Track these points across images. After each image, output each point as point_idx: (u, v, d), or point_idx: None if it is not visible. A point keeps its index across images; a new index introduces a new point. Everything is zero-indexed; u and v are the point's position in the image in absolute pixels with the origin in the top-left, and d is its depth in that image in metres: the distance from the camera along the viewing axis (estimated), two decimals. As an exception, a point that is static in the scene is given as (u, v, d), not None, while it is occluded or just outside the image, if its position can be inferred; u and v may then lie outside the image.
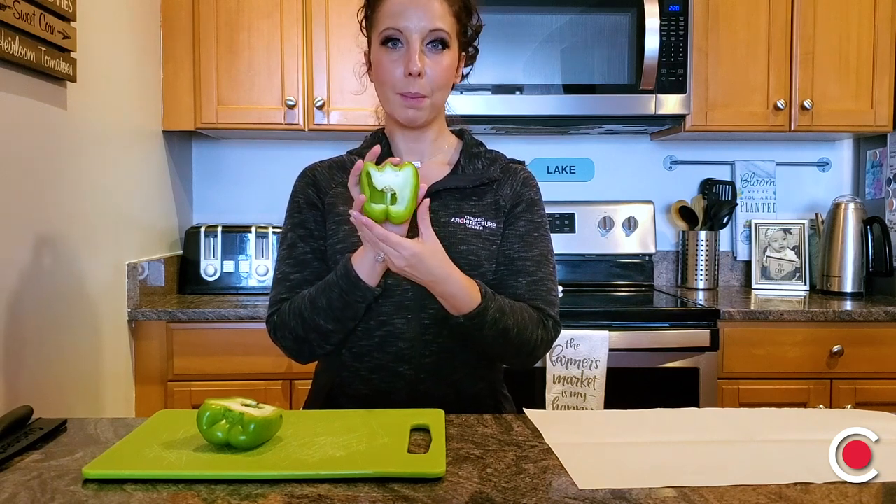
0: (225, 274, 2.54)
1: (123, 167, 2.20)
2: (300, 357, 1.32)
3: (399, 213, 1.11)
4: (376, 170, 1.12)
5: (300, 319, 1.25)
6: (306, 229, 1.32)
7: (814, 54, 2.52)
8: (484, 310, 1.18)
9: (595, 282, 2.79)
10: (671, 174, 2.92)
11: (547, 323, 1.28)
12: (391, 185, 1.11)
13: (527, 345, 1.25)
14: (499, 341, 1.22)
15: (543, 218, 1.35)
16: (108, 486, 0.88)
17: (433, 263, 1.14)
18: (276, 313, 1.30)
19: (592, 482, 0.89)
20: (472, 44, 1.36)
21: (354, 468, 0.91)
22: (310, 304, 1.24)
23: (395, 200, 1.11)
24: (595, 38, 2.42)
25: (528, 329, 1.24)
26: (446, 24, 1.26)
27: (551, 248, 1.34)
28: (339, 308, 1.22)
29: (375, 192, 1.11)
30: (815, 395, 2.26)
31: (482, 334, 1.21)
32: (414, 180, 1.11)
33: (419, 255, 1.12)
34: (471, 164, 1.34)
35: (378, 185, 1.11)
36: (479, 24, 1.35)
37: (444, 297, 1.18)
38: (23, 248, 1.64)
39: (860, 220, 2.62)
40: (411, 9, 1.24)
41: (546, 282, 1.30)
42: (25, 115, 1.65)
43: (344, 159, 1.39)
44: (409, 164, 1.12)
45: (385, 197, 1.11)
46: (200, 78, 2.45)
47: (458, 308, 1.19)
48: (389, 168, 1.12)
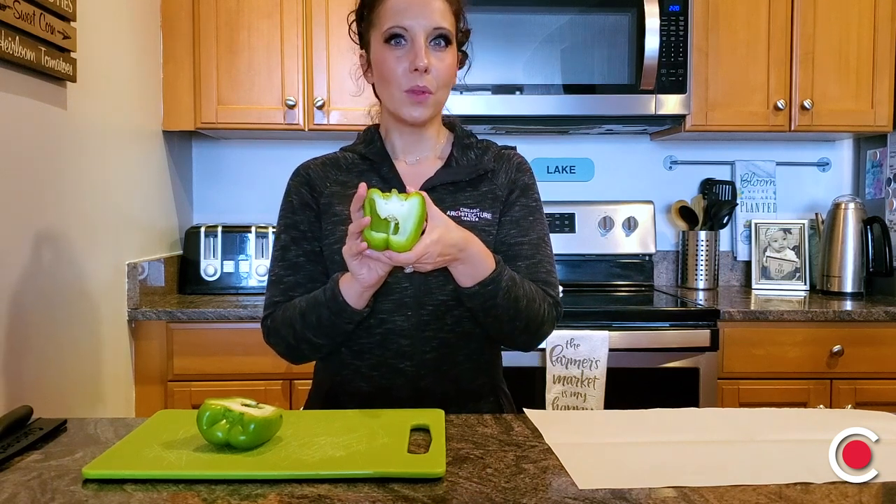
0: (225, 274, 2.54)
1: (123, 167, 2.20)
2: (293, 361, 1.34)
3: (400, 244, 1.08)
4: (381, 197, 1.09)
5: (292, 330, 1.26)
6: (299, 231, 1.33)
7: (814, 54, 2.52)
8: (499, 274, 1.19)
9: (595, 282, 2.79)
10: (671, 174, 2.92)
11: (549, 301, 1.29)
12: (395, 214, 1.08)
13: (535, 318, 1.25)
14: (510, 313, 1.22)
15: (538, 202, 1.36)
16: (108, 486, 0.88)
17: (455, 235, 1.13)
18: (270, 317, 1.31)
19: (592, 482, 0.89)
20: (463, 45, 1.36)
21: (354, 468, 0.91)
22: (300, 317, 1.25)
23: (398, 230, 1.08)
24: (595, 38, 2.42)
25: (537, 301, 1.25)
26: (448, 21, 1.27)
27: (547, 231, 1.35)
28: (328, 326, 1.22)
29: (378, 219, 1.08)
30: (815, 395, 2.26)
31: (495, 303, 1.20)
32: (419, 211, 1.08)
33: (441, 238, 1.11)
34: (463, 155, 1.35)
35: (382, 213, 1.08)
36: (468, 28, 1.36)
37: (469, 262, 1.17)
38: (23, 247, 1.64)
39: (860, 220, 2.62)
40: (415, 7, 1.24)
41: (545, 264, 1.31)
42: (25, 115, 1.65)
43: (337, 156, 1.39)
44: (417, 193, 1.09)
45: (388, 226, 1.08)
46: (200, 78, 2.45)
47: (477, 273, 1.18)
48: (395, 197, 1.09)
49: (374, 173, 1.34)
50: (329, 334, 1.24)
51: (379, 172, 1.33)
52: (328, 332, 1.23)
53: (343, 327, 1.22)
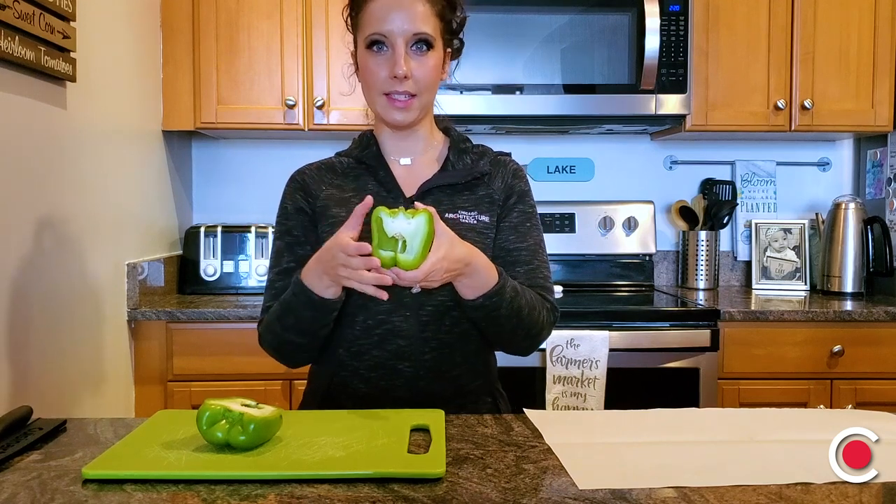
0: (225, 274, 2.54)
1: (123, 167, 2.20)
2: (288, 364, 1.35)
3: (408, 263, 1.07)
4: (388, 215, 1.08)
5: (274, 334, 1.28)
6: (293, 236, 1.34)
7: (814, 54, 2.52)
8: (503, 286, 1.20)
9: (595, 282, 2.79)
10: (671, 174, 2.92)
11: (548, 306, 1.31)
12: (402, 232, 1.07)
13: (535, 325, 1.27)
14: (512, 321, 1.23)
15: (534, 207, 1.38)
16: (107, 487, 0.88)
17: (460, 250, 1.13)
18: (261, 322, 1.33)
19: (592, 482, 0.89)
20: (457, 36, 1.36)
21: (354, 468, 0.91)
22: (277, 321, 1.26)
23: (405, 248, 1.07)
24: (595, 38, 2.42)
25: (537, 309, 1.27)
26: (430, 26, 1.26)
27: (543, 237, 1.37)
28: (308, 324, 1.23)
29: (385, 237, 1.08)
30: (815, 395, 2.26)
31: (498, 314, 1.21)
32: (427, 228, 1.07)
33: (447, 254, 1.10)
34: (459, 159, 1.36)
35: (389, 231, 1.07)
36: (464, 15, 1.35)
37: (474, 275, 1.17)
38: (22, 247, 1.64)
39: (860, 220, 2.62)
40: (394, 12, 1.24)
41: (542, 269, 1.33)
42: (25, 115, 1.65)
43: (333, 161, 1.39)
44: (424, 210, 1.09)
45: (395, 244, 1.07)
46: (200, 78, 2.45)
47: (480, 286, 1.18)
48: (402, 214, 1.08)
49: (370, 177, 1.34)
50: (309, 331, 1.24)
51: (375, 176, 1.34)
52: (307, 328, 1.24)
53: (326, 320, 1.23)
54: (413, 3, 1.25)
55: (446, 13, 1.30)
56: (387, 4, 1.25)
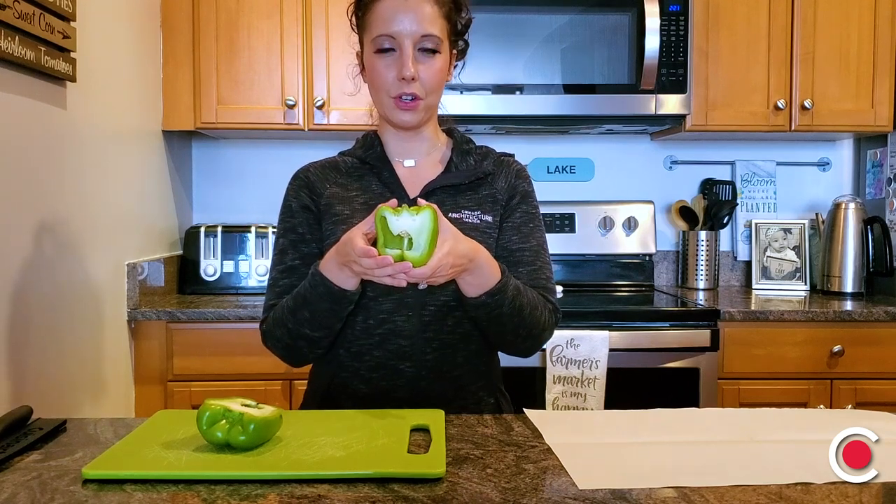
0: (225, 274, 2.54)
1: (123, 167, 2.20)
2: (293, 362, 1.34)
3: (416, 259, 1.07)
4: (392, 213, 1.09)
5: (286, 330, 1.26)
6: (297, 234, 1.33)
7: (814, 54, 2.52)
8: (505, 284, 1.19)
9: (595, 282, 2.79)
10: (671, 174, 2.92)
11: (550, 307, 1.30)
12: (407, 229, 1.08)
13: (537, 326, 1.27)
14: (513, 320, 1.23)
15: (537, 208, 1.38)
16: (107, 487, 0.88)
17: (464, 245, 1.13)
18: (266, 321, 1.32)
19: (592, 482, 0.89)
20: (462, 37, 1.36)
21: (354, 468, 0.90)
22: (291, 315, 1.25)
23: (412, 245, 1.08)
24: (595, 38, 2.42)
25: (539, 309, 1.26)
26: (437, 27, 1.26)
27: (546, 238, 1.37)
28: (324, 317, 1.22)
29: (390, 236, 1.08)
30: (815, 395, 2.26)
31: (501, 312, 1.21)
32: (432, 224, 1.08)
33: (451, 249, 1.10)
34: (463, 160, 1.36)
35: (394, 229, 1.08)
36: (469, 17, 1.35)
37: (477, 272, 1.17)
38: (22, 247, 1.64)
39: (860, 220, 2.62)
40: (402, 14, 1.24)
41: (545, 270, 1.33)
42: (25, 115, 1.65)
43: (336, 160, 1.39)
44: (428, 206, 1.09)
45: (401, 242, 1.08)
46: (200, 78, 2.45)
47: (483, 283, 1.18)
48: (406, 212, 1.08)
49: (374, 177, 1.34)
50: (325, 325, 1.24)
51: (379, 176, 1.34)
52: (324, 322, 1.23)
53: (343, 312, 1.23)
54: (420, 4, 1.25)
55: (453, 14, 1.30)
56: (394, 5, 1.25)
